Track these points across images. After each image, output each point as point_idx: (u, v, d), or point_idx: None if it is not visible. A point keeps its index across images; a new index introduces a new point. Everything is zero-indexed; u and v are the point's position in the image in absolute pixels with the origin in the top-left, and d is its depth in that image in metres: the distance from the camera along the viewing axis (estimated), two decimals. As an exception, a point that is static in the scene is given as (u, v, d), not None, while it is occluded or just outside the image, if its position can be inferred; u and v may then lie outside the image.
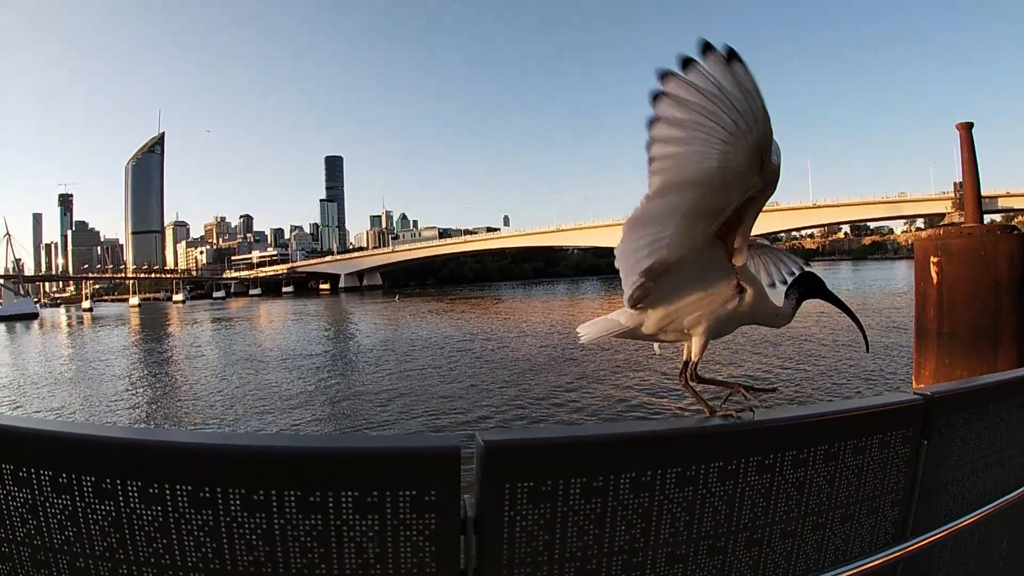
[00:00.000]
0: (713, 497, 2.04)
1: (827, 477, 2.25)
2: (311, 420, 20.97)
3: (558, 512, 1.83)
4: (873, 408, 2.45)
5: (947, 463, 2.62)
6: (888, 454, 2.39)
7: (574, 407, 19.93)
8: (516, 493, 1.79)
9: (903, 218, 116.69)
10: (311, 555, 1.73)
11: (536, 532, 1.83)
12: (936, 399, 2.51)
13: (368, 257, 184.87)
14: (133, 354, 45.75)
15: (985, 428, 2.75)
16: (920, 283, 15.19)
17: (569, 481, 1.83)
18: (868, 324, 31.52)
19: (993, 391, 2.90)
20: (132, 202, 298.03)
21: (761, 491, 2.14)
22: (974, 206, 15.99)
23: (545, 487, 1.81)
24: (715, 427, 2.15)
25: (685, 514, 2.00)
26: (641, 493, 1.92)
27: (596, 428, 2.49)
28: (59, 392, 28.95)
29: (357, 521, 1.72)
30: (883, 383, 21.41)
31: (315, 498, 1.70)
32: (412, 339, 43.07)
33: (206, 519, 1.71)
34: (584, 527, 1.88)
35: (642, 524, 1.95)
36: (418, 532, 1.74)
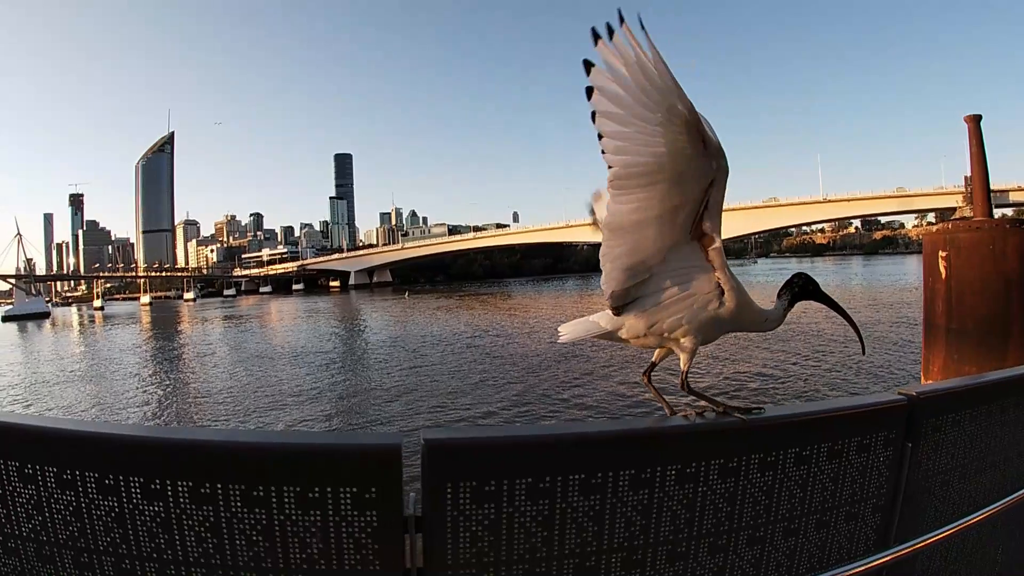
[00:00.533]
0: (672, 500, 1.97)
1: (799, 482, 2.16)
2: (320, 416, 21.09)
3: (503, 513, 1.79)
4: (851, 409, 2.35)
5: (936, 466, 2.50)
6: (868, 457, 2.28)
7: (580, 404, 19.91)
8: (459, 493, 1.76)
9: (914, 212, 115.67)
10: (257, 548, 1.73)
11: (481, 533, 1.79)
12: (922, 400, 2.39)
13: (378, 254, 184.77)
14: (144, 352, 46.17)
15: (978, 430, 2.61)
16: (928, 278, 15.08)
17: (514, 482, 1.78)
18: (879, 320, 31.65)
19: (985, 391, 2.74)
20: (143, 201, 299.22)
21: (725, 496, 2.05)
22: (983, 200, 15.83)
23: (489, 487, 1.77)
24: (673, 428, 2.08)
25: (641, 518, 1.94)
26: (592, 495, 1.87)
27: (542, 428, 2.36)
28: (70, 390, 29.22)
29: (300, 516, 1.72)
30: (891, 380, 21.22)
31: (259, 492, 1.70)
32: (421, 336, 43.24)
33: (156, 511, 1.72)
34: (532, 529, 1.83)
35: (594, 527, 1.89)
36: (360, 529, 1.73)
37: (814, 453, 2.16)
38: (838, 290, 67.99)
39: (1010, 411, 2.75)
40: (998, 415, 2.69)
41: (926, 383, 3.09)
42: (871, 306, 45.55)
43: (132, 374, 33.82)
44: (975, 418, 2.60)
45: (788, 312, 2.31)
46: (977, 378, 2.94)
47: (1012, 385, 2.84)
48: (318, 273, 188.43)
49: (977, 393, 2.70)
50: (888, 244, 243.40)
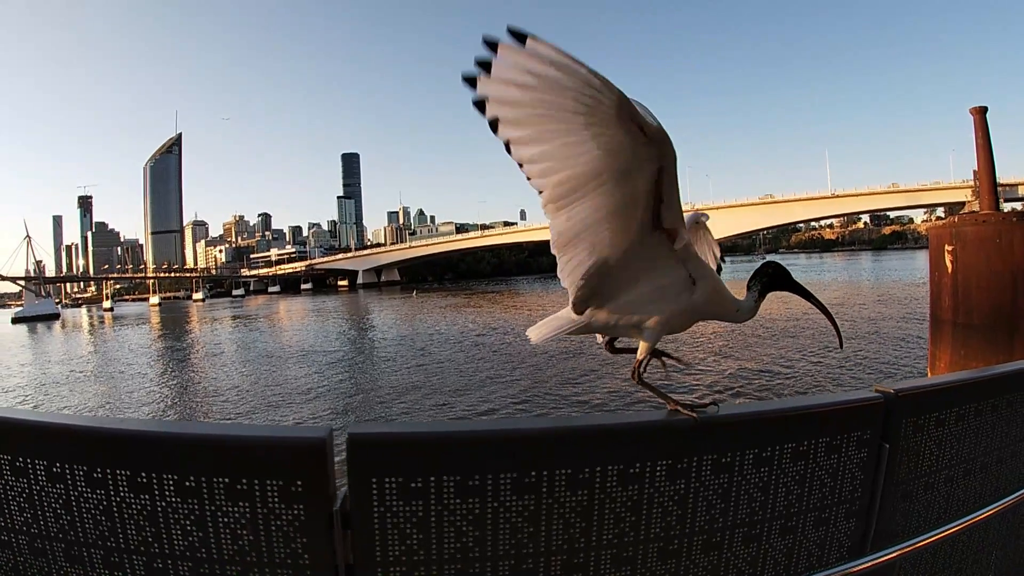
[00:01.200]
0: (614, 503, 1.88)
1: (759, 485, 2.04)
2: (325, 414, 21.10)
3: (432, 511, 1.75)
4: (820, 408, 2.22)
5: (918, 469, 2.36)
6: (839, 459, 2.16)
7: (587, 399, 19.86)
8: (385, 489, 1.73)
9: (923, 207, 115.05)
10: (191, 538, 1.74)
11: (410, 530, 1.75)
12: (901, 398, 2.25)
13: (386, 253, 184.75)
14: (153, 352, 46.46)
15: (966, 429, 2.47)
16: (935, 272, 14.95)
17: (441, 479, 1.74)
18: (888, 315, 31.56)
19: (973, 388, 2.56)
20: (151, 202, 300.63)
21: (674, 498, 1.95)
22: (989, 193, 15.66)
23: (415, 483, 1.73)
24: (615, 425, 1.98)
25: (580, 520, 1.84)
26: (526, 495, 1.80)
27: (471, 424, 2.24)
28: (78, 390, 29.37)
29: (230, 508, 1.72)
30: (897, 376, 21.12)
31: (190, 483, 1.71)
32: (429, 334, 43.30)
33: (100, 499, 1.75)
34: (463, 528, 1.78)
35: (529, 528, 1.82)
36: (288, 523, 1.72)
37: (776, 454, 2.05)
38: (848, 286, 67.77)
39: (1002, 409, 2.58)
40: (989, 414, 2.53)
41: (905, 380, 2.85)
42: (880, 301, 45.33)
43: (141, 374, 34.07)
44: (962, 417, 2.45)
45: (761, 302, 2.20)
46: (964, 375, 2.76)
47: (1003, 382, 2.66)
48: (326, 272, 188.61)
49: (964, 391, 2.52)
50: (897, 239, 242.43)
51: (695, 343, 30.51)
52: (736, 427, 2.04)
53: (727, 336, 32.48)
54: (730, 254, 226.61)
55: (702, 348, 29.22)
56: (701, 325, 2.33)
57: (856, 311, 40.15)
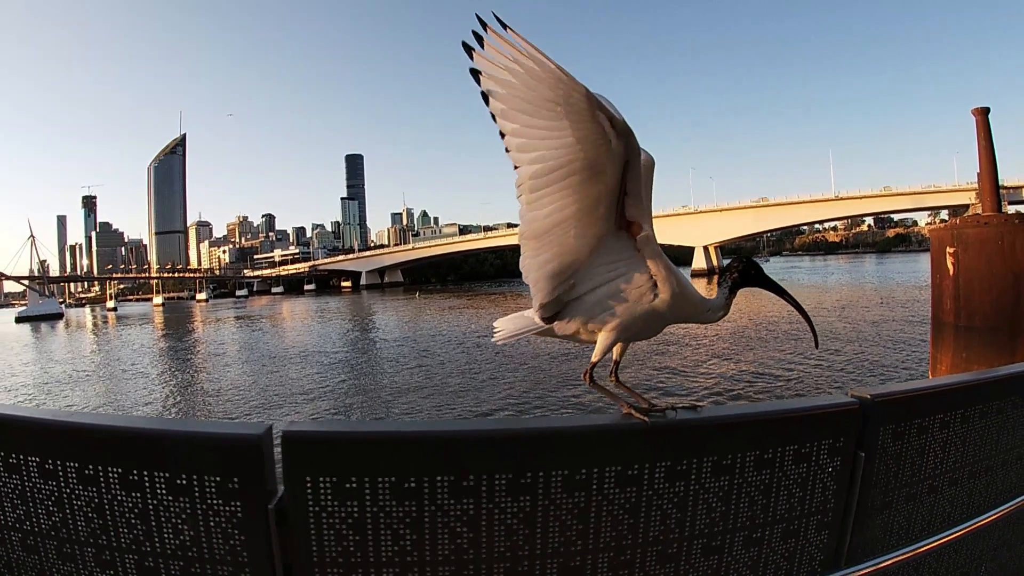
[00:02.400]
0: (559, 509, 1.81)
1: (719, 494, 1.95)
2: (325, 414, 21.10)
3: (368, 512, 1.72)
4: (788, 414, 2.11)
5: (899, 478, 2.25)
6: (809, 468, 2.05)
7: (586, 399, 19.78)
8: (319, 488, 1.70)
9: (927, 210, 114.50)
10: (136, 532, 1.75)
11: (346, 531, 1.72)
12: (879, 404, 2.14)
13: (389, 254, 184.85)
14: (155, 352, 46.55)
15: (952, 437, 2.35)
16: (936, 275, 14.86)
17: (376, 480, 1.70)
18: (890, 317, 31.51)
19: (958, 394, 2.44)
20: (155, 203, 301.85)
21: (625, 507, 1.86)
22: (991, 195, 15.56)
23: (350, 484, 1.70)
24: (561, 429, 1.90)
25: (524, 527, 1.80)
26: (464, 499, 1.74)
27: (407, 425, 2.15)
28: (80, 390, 29.43)
29: (171, 502, 1.72)
30: (898, 379, 21.05)
31: (134, 476, 1.71)
32: (431, 335, 43.16)
33: (51, 490, 1.76)
34: (400, 531, 1.74)
35: (469, 534, 1.77)
36: (226, 519, 1.71)
37: (738, 462, 1.95)
38: (851, 288, 67.62)
39: (991, 416, 2.46)
40: (977, 421, 2.42)
41: (884, 385, 2.67)
42: (883, 304, 45.22)
43: (143, 373, 34.07)
44: (947, 425, 2.33)
45: (732, 299, 2.15)
46: (949, 380, 2.63)
47: (993, 387, 2.55)
48: (329, 273, 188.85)
49: (949, 396, 2.40)
50: (901, 241, 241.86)
51: (699, 344, 30.45)
52: (693, 433, 1.94)
53: (728, 339, 32.42)
54: (734, 256, 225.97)
55: (704, 349, 29.16)
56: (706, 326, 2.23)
57: (859, 313, 40.07)
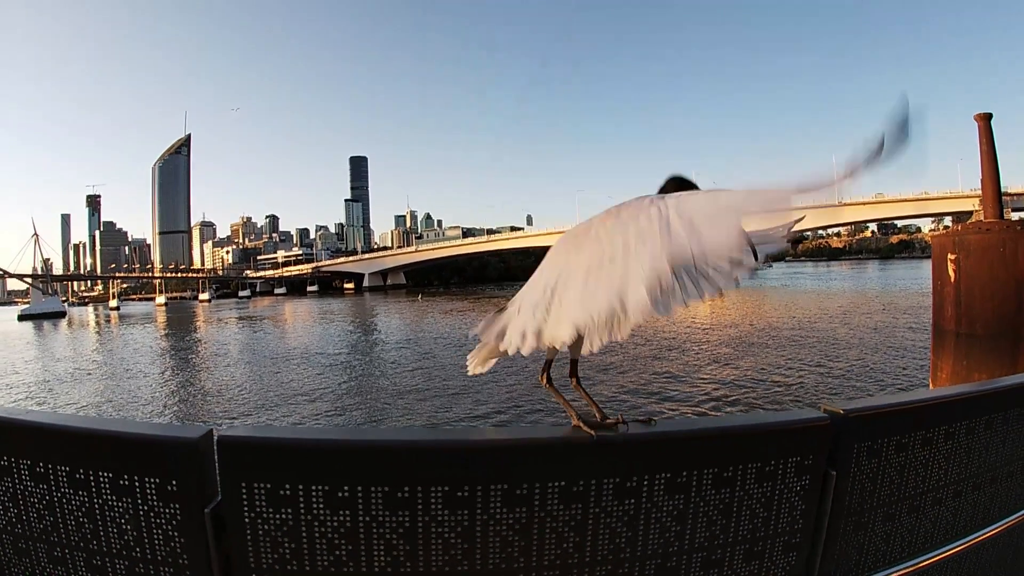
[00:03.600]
0: (500, 525, 1.74)
1: (673, 512, 1.85)
2: (325, 414, 21.07)
3: (302, 520, 1.69)
4: (751, 429, 2.01)
5: (874, 498, 2.14)
6: (775, 486, 1.95)
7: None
8: (254, 494, 1.68)
9: (931, 216, 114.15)
10: (83, 530, 1.78)
11: (281, 538, 1.70)
12: (851, 419, 2.04)
13: (392, 256, 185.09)
14: (156, 351, 46.70)
15: (934, 455, 2.23)
16: (937, 281, 14.77)
17: (309, 488, 1.68)
18: (893, 324, 31.41)
19: (940, 409, 2.31)
20: (159, 203, 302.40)
21: (571, 524, 1.78)
22: (994, 201, 15.46)
23: (284, 491, 1.68)
24: (498, 441, 1.85)
25: (462, 541, 1.74)
26: (400, 511, 1.69)
27: (341, 432, 2.03)
28: (80, 388, 29.47)
29: (115, 502, 1.74)
30: (899, 388, 20.97)
31: (80, 475, 1.74)
32: (433, 337, 43.34)
33: (6, 487, 1.81)
34: (335, 541, 1.71)
35: (405, 546, 1.72)
36: (167, 521, 1.72)
37: (694, 479, 1.85)
38: (854, 295, 67.51)
39: (979, 432, 2.34)
40: (963, 437, 2.30)
41: (859, 400, 2.46)
42: (887, 310, 45.17)
43: (143, 372, 34.12)
44: (931, 441, 2.21)
45: None
46: (932, 393, 2.51)
47: (980, 401, 2.42)
48: (332, 275, 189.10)
49: (930, 412, 2.28)
50: (905, 248, 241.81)
51: (700, 349, 30.36)
52: (645, 448, 1.85)
53: (730, 343, 32.33)
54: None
55: (705, 354, 29.09)
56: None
57: (862, 319, 40.02)
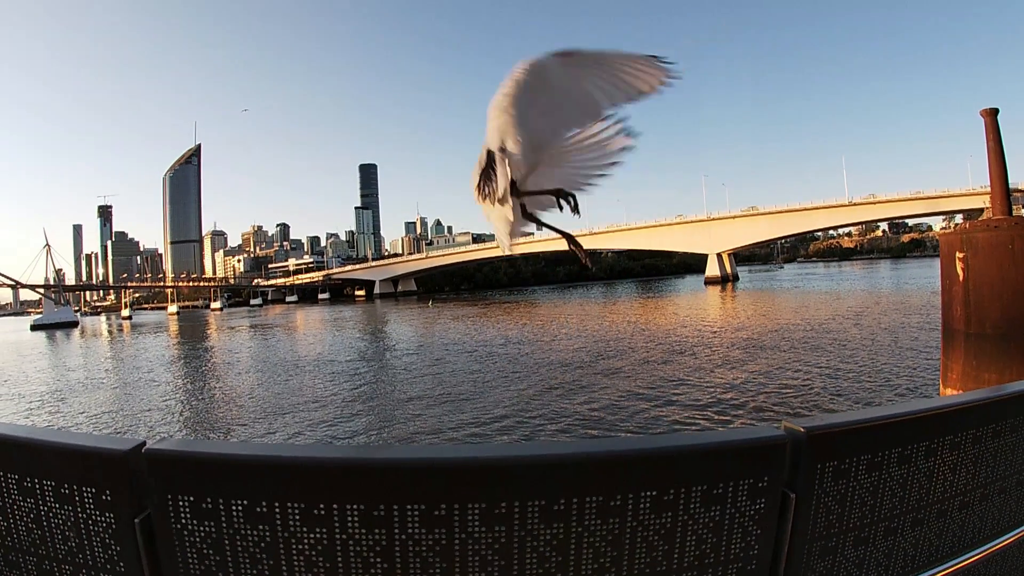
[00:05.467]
0: (419, 546, 1.65)
1: (607, 537, 1.73)
2: (330, 422, 21.00)
3: (224, 534, 1.69)
4: (697, 448, 1.86)
5: (844, 521, 1.99)
6: (725, 510, 1.81)
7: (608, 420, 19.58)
8: (179, 506, 1.70)
9: (942, 214, 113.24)
10: (33, 536, 1.84)
11: (207, 551, 1.71)
12: (813, 437, 1.89)
13: (402, 263, 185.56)
14: (168, 361, 46.93)
15: (914, 473, 2.07)
16: (946, 281, 14.52)
17: (229, 502, 1.67)
18: (905, 324, 31.16)
19: (918, 424, 2.11)
20: (170, 212, 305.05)
21: (494, 547, 1.69)
22: (1002, 197, 15.15)
23: (206, 504, 1.68)
24: (417, 461, 1.75)
25: (382, 560, 1.65)
26: (317, 528, 1.66)
27: (258, 448, 1.92)
28: (91, 397, 29.71)
29: (57, 510, 1.79)
30: (909, 390, 20.71)
31: (28, 483, 1.80)
32: (444, 344, 43.15)
33: None
34: (257, 556, 1.69)
35: (325, 564, 1.67)
36: (104, 530, 1.76)
37: (629, 503, 1.72)
38: (866, 294, 66.99)
39: (966, 447, 2.18)
40: (946, 453, 2.13)
41: (824, 415, 2.27)
42: (898, 310, 44.77)
43: (155, 382, 34.27)
44: (909, 459, 2.05)
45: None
46: (909, 407, 2.18)
47: (962, 415, 2.22)
48: (343, 282, 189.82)
49: (908, 428, 2.09)
50: (916, 247, 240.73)
51: (712, 352, 30.15)
52: (573, 469, 1.74)
53: (742, 346, 32.09)
54: (748, 263, 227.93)
55: (715, 357, 28.89)
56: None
57: (874, 320, 39.69)
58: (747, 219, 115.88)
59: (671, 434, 9.04)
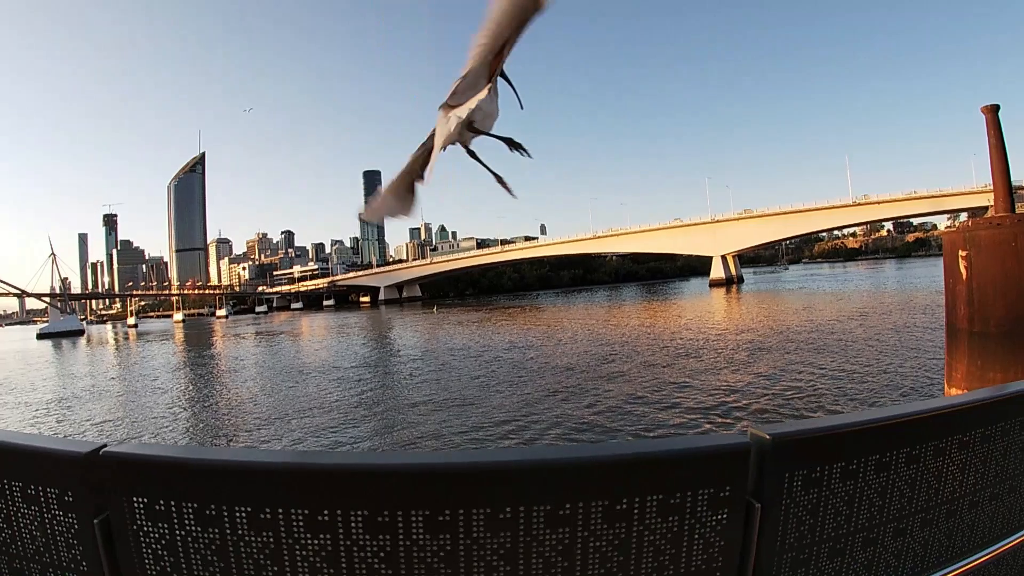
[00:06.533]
0: (363, 551, 1.66)
1: (557, 547, 1.67)
2: (332, 428, 21.00)
3: (177, 535, 1.71)
4: (649, 456, 1.76)
5: (818, 532, 1.91)
6: (683, 520, 1.72)
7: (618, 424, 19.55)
8: (135, 507, 1.73)
9: (946, 213, 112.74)
10: (3, 535, 1.89)
11: (161, 552, 1.74)
12: (779, 444, 1.80)
13: (407, 269, 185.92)
14: (174, 368, 47.03)
15: (894, 480, 1.98)
16: (949, 280, 14.42)
17: (180, 505, 1.69)
18: (911, 324, 31.08)
19: (895, 430, 2.00)
20: (175, 220, 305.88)
21: (440, 555, 1.66)
22: (1004, 195, 15.00)
23: (159, 506, 1.70)
24: (363, 466, 1.73)
25: (327, 565, 1.67)
26: (264, 532, 1.67)
27: (210, 452, 1.91)
28: (96, 406, 29.72)
29: (25, 510, 1.84)
30: (914, 390, 20.63)
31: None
32: (448, 350, 43.31)
33: None
34: (208, 558, 1.71)
35: (273, 567, 1.68)
36: (67, 529, 1.81)
37: (579, 512, 1.66)
38: (871, 295, 66.78)
39: (951, 453, 2.08)
40: (931, 460, 2.04)
41: (791, 422, 2.13)
42: (904, 309, 44.63)
43: (161, 389, 34.36)
44: (888, 466, 1.96)
45: None
46: (883, 413, 2.08)
47: (943, 421, 2.11)
48: (348, 289, 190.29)
49: (884, 434, 1.98)
50: (921, 246, 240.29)
51: (719, 353, 30.08)
52: (521, 477, 1.67)
53: (749, 349, 32.00)
54: (753, 265, 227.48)
55: (721, 360, 28.82)
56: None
57: (880, 320, 39.55)
58: (751, 221, 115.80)
59: (626, 442, 8.84)
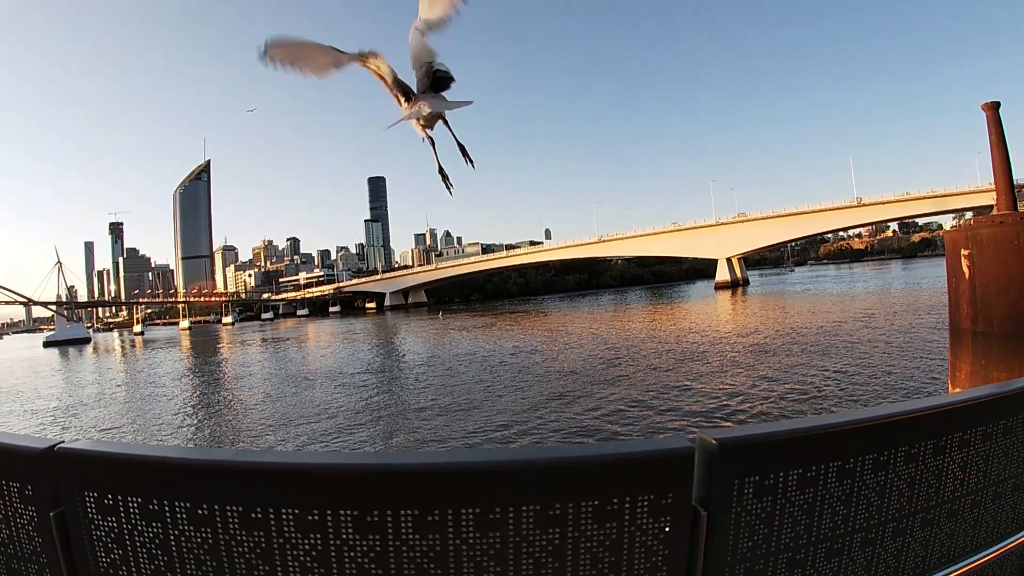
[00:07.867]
0: (296, 550, 1.64)
1: (490, 552, 1.63)
2: (334, 433, 21.00)
3: (125, 529, 1.75)
4: (585, 461, 1.70)
5: (770, 542, 1.82)
6: (622, 527, 1.66)
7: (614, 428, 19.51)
8: (87, 501, 1.77)
9: (951, 212, 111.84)
10: None
11: (111, 545, 1.78)
12: (727, 450, 1.72)
13: (412, 275, 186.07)
14: (179, 375, 47.21)
15: (859, 488, 1.88)
16: (952, 279, 14.31)
17: (127, 499, 1.72)
18: (916, 324, 30.92)
19: (859, 435, 1.90)
20: (181, 228, 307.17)
21: (370, 555, 1.63)
22: (1006, 192, 14.85)
23: (108, 500, 1.74)
24: (294, 466, 1.68)
25: (262, 563, 1.66)
26: (203, 528, 1.66)
27: (154, 449, 1.84)
28: (102, 412, 29.96)
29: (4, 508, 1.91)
30: (917, 391, 20.55)
31: None
32: (455, 355, 43.38)
33: None
34: (152, 551, 1.73)
35: (212, 562, 1.68)
36: (28, 522, 1.88)
37: (510, 516, 1.61)
38: (878, 295, 66.51)
39: (927, 458, 1.98)
40: (900, 467, 1.94)
41: (740, 427, 2.00)
42: (909, 310, 44.45)
43: (167, 396, 34.50)
44: (854, 472, 1.87)
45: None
46: (848, 417, 1.96)
47: (912, 424, 1.99)
48: (354, 295, 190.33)
49: (849, 439, 1.88)
50: (927, 246, 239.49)
51: (721, 358, 29.99)
52: (448, 479, 1.63)
53: (753, 351, 31.91)
54: (758, 267, 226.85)
55: (725, 362, 28.75)
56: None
57: (886, 320, 39.40)
58: (756, 223, 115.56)
59: (564, 445, 8.67)
